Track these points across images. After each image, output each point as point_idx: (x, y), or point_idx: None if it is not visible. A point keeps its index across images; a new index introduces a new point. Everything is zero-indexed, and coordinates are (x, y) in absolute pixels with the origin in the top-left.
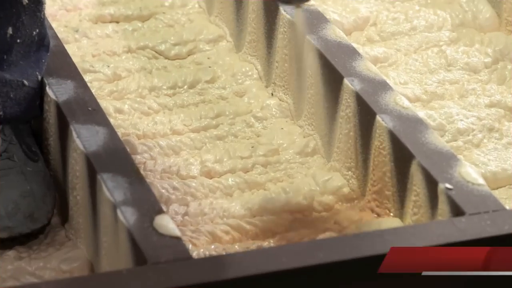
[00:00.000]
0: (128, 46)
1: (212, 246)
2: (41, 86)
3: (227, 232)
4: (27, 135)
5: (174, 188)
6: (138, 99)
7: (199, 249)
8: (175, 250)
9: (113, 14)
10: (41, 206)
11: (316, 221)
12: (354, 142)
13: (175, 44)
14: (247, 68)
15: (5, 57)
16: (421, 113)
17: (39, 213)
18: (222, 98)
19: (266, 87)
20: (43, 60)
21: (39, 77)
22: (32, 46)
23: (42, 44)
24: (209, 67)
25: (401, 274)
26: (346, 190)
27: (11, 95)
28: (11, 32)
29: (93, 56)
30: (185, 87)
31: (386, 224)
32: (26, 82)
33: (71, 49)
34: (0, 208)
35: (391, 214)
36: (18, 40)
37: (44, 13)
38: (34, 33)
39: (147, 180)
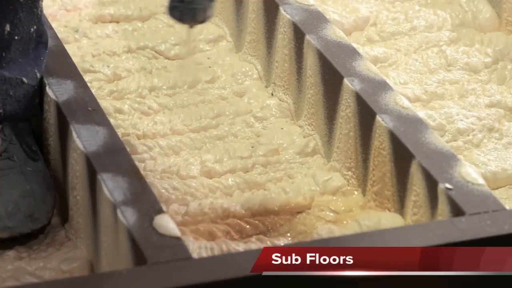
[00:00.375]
0: (128, 46)
1: (213, 244)
2: (40, 84)
3: (227, 232)
4: (27, 134)
5: (174, 188)
6: (138, 99)
7: (200, 243)
8: (175, 250)
9: (113, 14)
10: (41, 206)
11: (315, 219)
12: (354, 142)
13: (175, 44)
14: (247, 68)
15: (3, 54)
16: (421, 113)
17: (39, 213)
18: (222, 98)
19: (266, 87)
20: (42, 58)
21: (38, 75)
22: (30, 43)
23: (40, 41)
24: (209, 67)
25: (401, 276)
26: (346, 190)
27: (11, 93)
28: (8, 29)
29: (93, 56)
30: (185, 87)
31: (386, 217)
32: (25, 80)
33: (71, 49)
34: (0, 208)
35: None
36: (16, 37)
37: (40, 9)
38: (32, 29)
39: (147, 180)
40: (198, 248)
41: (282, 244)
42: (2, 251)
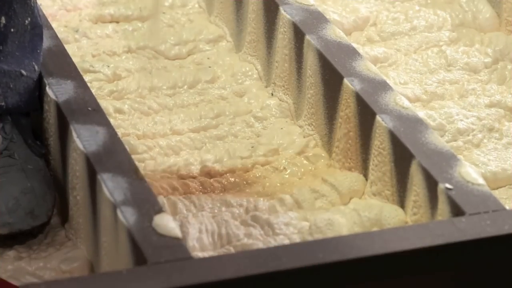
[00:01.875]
0: (128, 46)
1: (214, 227)
2: (39, 78)
3: (227, 230)
4: (28, 132)
5: (174, 188)
6: (138, 99)
7: (200, 225)
8: (175, 250)
9: (113, 14)
10: (42, 203)
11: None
12: (354, 142)
13: (175, 44)
14: (247, 68)
15: (1, 48)
16: (421, 113)
17: (40, 210)
18: (222, 98)
19: (266, 87)
20: (38, 50)
21: (36, 67)
22: (25, 36)
23: (34, 33)
24: (209, 67)
25: (401, 275)
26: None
27: (11, 86)
28: (4, 22)
29: (93, 56)
30: (185, 87)
31: (387, 209)
32: (24, 72)
33: (71, 49)
34: (1, 204)
35: None
36: (12, 30)
37: (33, 1)
38: (27, 21)
39: (147, 180)
40: (198, 232)
41: (282, 221)
42: (2, 250)
